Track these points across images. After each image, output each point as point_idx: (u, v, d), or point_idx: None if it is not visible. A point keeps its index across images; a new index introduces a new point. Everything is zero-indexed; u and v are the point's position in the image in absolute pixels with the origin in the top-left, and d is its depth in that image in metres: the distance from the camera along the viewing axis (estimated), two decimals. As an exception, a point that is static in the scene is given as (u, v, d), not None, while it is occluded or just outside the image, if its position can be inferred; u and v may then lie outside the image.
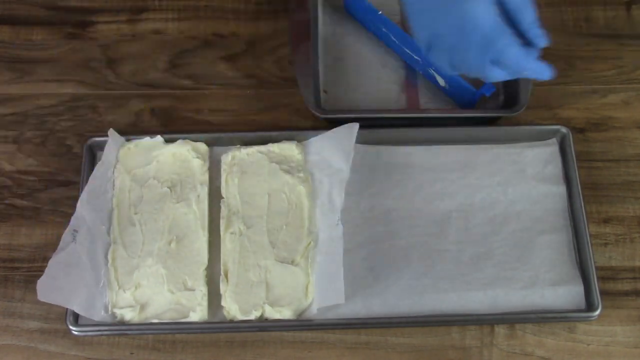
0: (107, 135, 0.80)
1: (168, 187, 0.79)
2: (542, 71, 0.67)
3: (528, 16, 0.67)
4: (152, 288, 0.75)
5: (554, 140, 0.83)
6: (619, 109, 0.86)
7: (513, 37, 0.66)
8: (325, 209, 0.78)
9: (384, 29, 0.88)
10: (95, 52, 0.90)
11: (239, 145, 0.82)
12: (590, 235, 0.77)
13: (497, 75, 0.68)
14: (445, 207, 0.80)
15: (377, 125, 0.83)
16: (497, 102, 0.85)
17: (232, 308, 0.74)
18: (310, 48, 0.85)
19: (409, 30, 0.71)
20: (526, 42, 0.68)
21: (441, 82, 0.85)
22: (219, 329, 0.75)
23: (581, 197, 0.78)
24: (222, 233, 0.77)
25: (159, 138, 0.82)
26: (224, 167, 0.81)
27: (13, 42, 0.91)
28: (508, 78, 0.69)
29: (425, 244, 0.78)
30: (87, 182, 0.79)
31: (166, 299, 0.75)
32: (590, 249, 0.76)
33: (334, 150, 0.80)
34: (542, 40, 0.67)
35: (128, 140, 0.82)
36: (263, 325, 0.74)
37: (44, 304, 0.74)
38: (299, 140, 0.82)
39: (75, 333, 0.74)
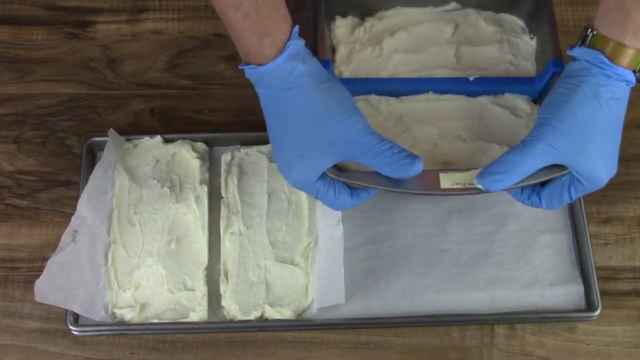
0: (107, 135, 0.80)
1: (168, 187, 0.79)
2: None
3: None
4: (152, 288, 0.75)
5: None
6: (619, 109, 0.86)
7: None
8: (326, 208, 0.78)
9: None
10: (95, 52, 0.90)
11: (238, 145, 0.82)
12: (590, 235, 0.77)
13: None
14: (445, 207, 0.80)
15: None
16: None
17: (232, 308, 0.74)
18: (310, 48, 0.85)
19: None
20: None
21: None
22: (219, 329, 0.75)
23: (581, 197, 0.78)
24: (221, 233, 0.77)
25: (158, 138, 0.82)
26: (223, 167, 0.80)
27: (13, 42, 0.91)
28: None
29: (425, 243, 0.78)
30: (87, 182, 0.79)
31: (166, 299, 0.75)
32: (590, 249, 0.76)
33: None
34: None
35: (128, 140, 0.82)
36: (263, 325, 0.74)
37: (44, 303, 0.74)
38: (299, 140, 0.82)
39: (75, 333, 0.75)
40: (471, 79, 0.75)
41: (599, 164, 0.65)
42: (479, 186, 0.64)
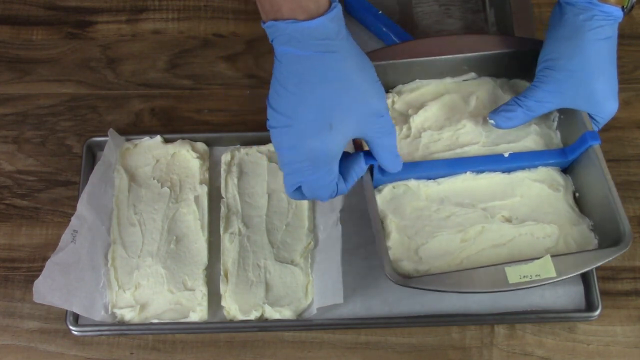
0: (107, 135, 0.80)
1: (168, 187, 0.79)
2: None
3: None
4: (152, 288, 0.75)
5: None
6: (619, 109, 0.85)
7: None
8: (325, 208, 0.78)
9: (384, 29, 0.88)
10: (95, 52, 0.90)
11: (238, 145, 0.82)
12: (590, 235, 0.77)
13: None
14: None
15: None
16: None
17: (232, 308, 0.74)
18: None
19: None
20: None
21: None
22: (219, 329, 0.75)
23: (581, 197, 0.78)
24: (221, 233, 0.77)
25: (158, 138, 0.82)
26: (223, 167, 0.81)
27: (13, 42, 0.91)
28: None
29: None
30: (87, 182, 0.79)
31: (166, 299, 0.75)
32: (591, 249, 0.76)
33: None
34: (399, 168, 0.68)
35: (128, 140, 0.82)
36: (263, 325, 0.74)
37: (44, 303, 0.74)
38: (299, 140, 0.82)
39: (75, 333, 0.75)
40: (506, 155, 0.73)
41: (605, 98, 0.70)
42: (548, 276, 0.65)
